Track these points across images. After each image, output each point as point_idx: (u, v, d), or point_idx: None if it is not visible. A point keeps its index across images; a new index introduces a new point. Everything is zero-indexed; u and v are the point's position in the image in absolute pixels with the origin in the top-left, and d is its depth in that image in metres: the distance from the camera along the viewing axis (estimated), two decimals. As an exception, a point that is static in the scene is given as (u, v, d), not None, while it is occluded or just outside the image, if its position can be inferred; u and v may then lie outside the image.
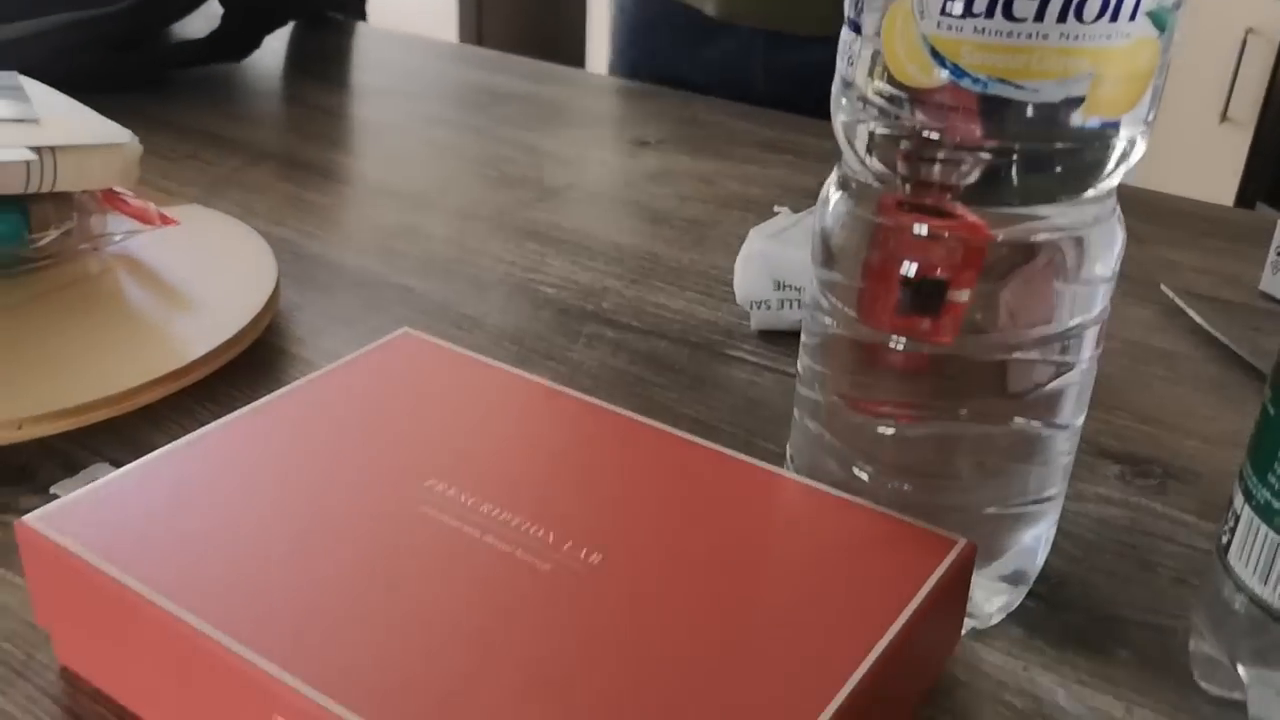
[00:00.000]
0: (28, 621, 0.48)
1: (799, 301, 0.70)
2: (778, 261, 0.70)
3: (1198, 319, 0.73)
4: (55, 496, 0.55)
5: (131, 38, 1.14)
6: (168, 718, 0.43)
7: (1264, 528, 0.40)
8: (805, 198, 0.91)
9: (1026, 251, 0.41)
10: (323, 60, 1.30)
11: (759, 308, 0.72)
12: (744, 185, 0.96)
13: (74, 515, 0.44)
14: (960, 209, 0.40)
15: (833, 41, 0.44)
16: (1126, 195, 0.92)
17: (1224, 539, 0.43)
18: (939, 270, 0.41)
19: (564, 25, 3.95)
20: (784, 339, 0.71)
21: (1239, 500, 0.42)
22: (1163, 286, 0.77)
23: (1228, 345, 0.70)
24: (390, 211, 0.90)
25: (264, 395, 0.52)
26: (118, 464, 0.57)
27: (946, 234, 0.41)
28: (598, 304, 0.75)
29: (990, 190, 0.40)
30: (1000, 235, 0.41)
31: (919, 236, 0.41)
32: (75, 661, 0.46)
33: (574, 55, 3.64)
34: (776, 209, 0.76)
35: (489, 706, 0.36)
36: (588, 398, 0.52)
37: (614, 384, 0.66)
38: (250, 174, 0.96)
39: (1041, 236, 0.41)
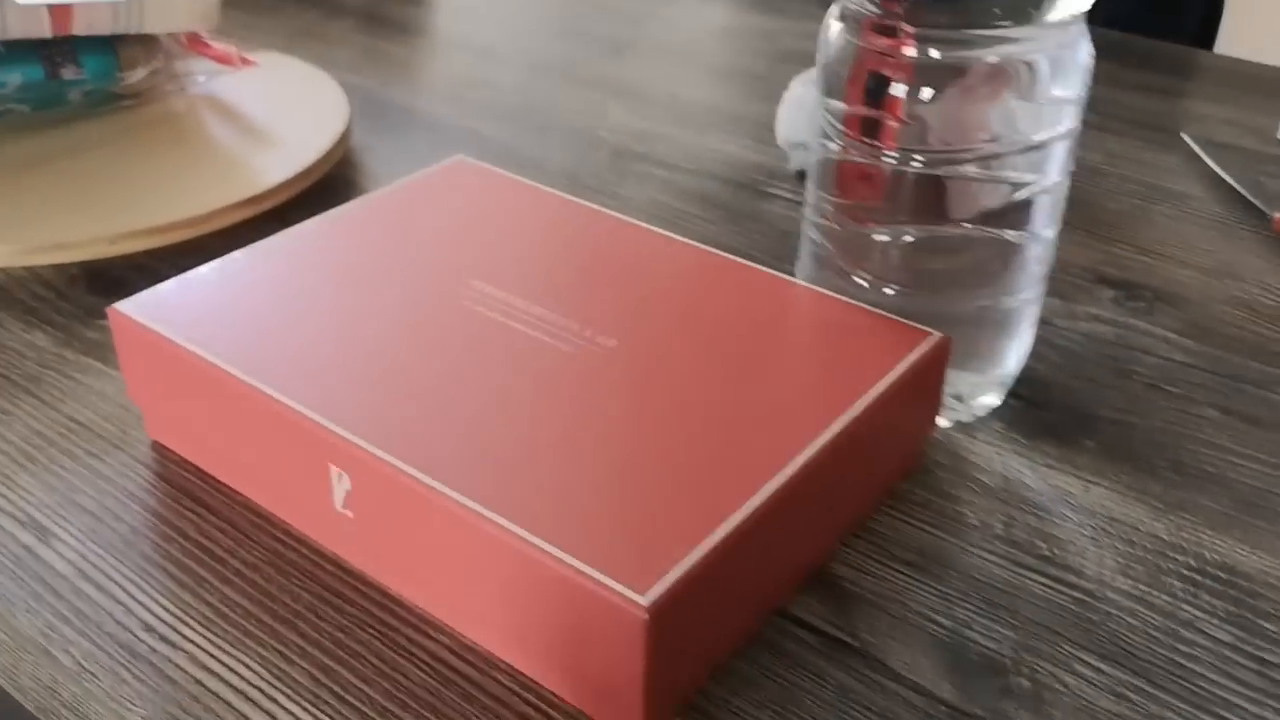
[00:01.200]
0: (122, 405, 0.55)
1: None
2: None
3: (1210, 162, 0.76)
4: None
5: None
6: (241, 475, 0.50)
7: None
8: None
9: (991, 71, 0.46)
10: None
11: (798, 149, 0.76)
12: (800, 41, 1.00)
13: (160, 302, 0.50)
14: (905, 29, 0.45)
15: None
16: (1167, 52, 0.95)
17: None
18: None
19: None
20: (818, 179, 0.75)
21: None
22: (1183, 135, 0.80)
23: (1235, 187, 0.73)
24: (463, 63, 0.95)
25: (330, 209, 0.58)
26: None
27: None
28: (651, 147, 0.80)
29: (943, 13, 0.45)
30: (980, 58, 0.45)
31: (878, 53, 0.47)
32: (163, 435, 0.53)
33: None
34: (819, 58, 0.80)
35: (511, 451, 0.42)
36: (623, 216, 0.57)
37: (659, 217, 0.71)
38: (329, 27, 1.01)
39: (1007, 56, 0.45)
